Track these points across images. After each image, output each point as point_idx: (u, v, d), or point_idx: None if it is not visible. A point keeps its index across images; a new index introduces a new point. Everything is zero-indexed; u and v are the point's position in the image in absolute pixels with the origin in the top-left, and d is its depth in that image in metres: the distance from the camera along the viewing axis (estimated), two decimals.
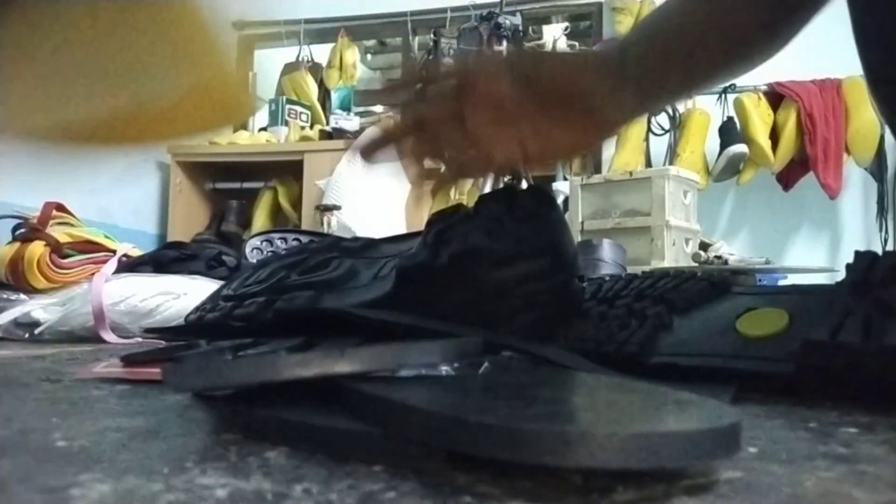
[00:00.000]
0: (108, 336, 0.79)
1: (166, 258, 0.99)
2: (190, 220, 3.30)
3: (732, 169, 2.97)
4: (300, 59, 3.58)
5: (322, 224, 2.66)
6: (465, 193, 3.12)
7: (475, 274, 0.42)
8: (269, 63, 3.76)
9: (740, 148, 2.90)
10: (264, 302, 0.49)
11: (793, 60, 0.67)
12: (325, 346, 0.36)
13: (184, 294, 0.84)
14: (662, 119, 3.00)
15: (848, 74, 2.78)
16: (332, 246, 0.56)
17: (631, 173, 2.59)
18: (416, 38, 3.53)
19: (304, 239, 1.08)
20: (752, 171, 2.95)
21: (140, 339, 0.79)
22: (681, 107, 3.00)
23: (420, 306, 0.42)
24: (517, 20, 2.89)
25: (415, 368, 0.27)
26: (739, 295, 0.44)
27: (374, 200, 2.73)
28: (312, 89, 3.49)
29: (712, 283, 0.45)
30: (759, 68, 0.63)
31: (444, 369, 0.28)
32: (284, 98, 3.40)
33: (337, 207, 2.69)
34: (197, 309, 0.59)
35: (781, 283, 2.32)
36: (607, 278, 0.54)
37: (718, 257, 2.36)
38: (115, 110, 0.36)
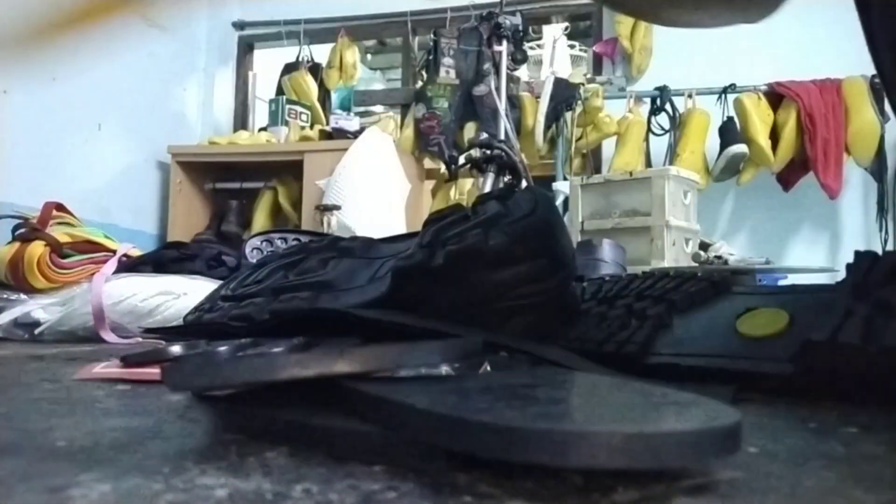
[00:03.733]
0: (108, 336, 0.79)
1: (166, 258, 0.99)
2: (190, 220, 3.30)
3: (732, 169, 2.97)
4: (300, 59, 3.59)
5: (322, 224, 2.66)
6: (464, 193, 3.12)
7: (471, 275, 0.42)
8: (269, 63, 3.77)
9: (740, 148, 2.90)
10: (261, 303, 0.49)
11: (793, 60, 0.66)
12: (325, 346, 0.36)
13: (184, 294, 0.84)
14: (662, 119, 3.01)
15: (848, 74, 2.77)
16: (331, 246, 0.56)
17: (631, 173, 2.59)
18: (416, 38, 3.53)
19: (304, 239, 1.08)
20: (752, 171, 2.95)
21: (140, 339, 0.79)
22: (681, 107, 3.01)
23: (416, 307, 0.42)
24: (517, 20, 2.89)
25: (414, 369, 0.27)
26: (739, 295, 0.44)
27: (374, 200, 2.73)
28: (312, 89, 3.50)
29: (712, 283, 0.45)
30: (759, 68, 0.61)
31: (444, 369, 0.28)
32: (284, 98, 3.41)
33: (337, 207, 2.69)
34: (195, 309, 0.59)
35: (781, 283, 2.32)
36: (607, 278, 0.53)
37: (718, 257, 2.36)
38: None
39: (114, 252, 0.97)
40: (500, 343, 0.36)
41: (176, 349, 0.41)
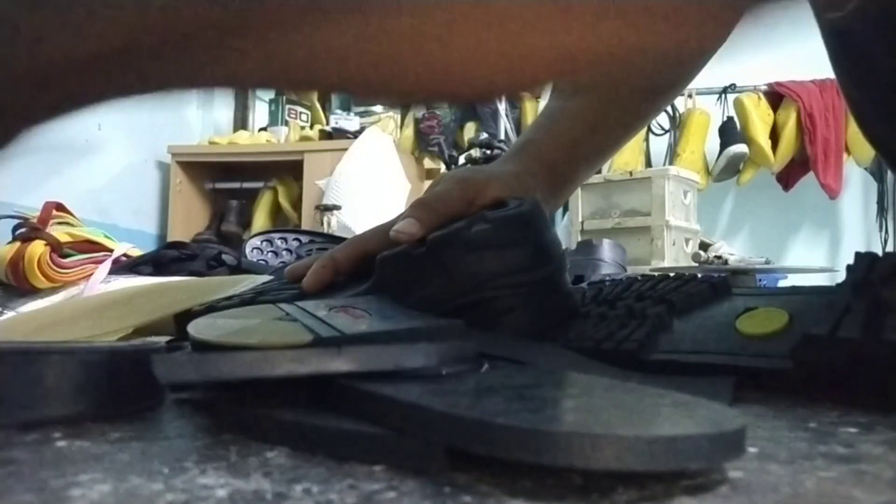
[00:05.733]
0: None
1: (166, 258, 0.99)
2: (190, 220, 3.30)
3: (732, 169, 2.97)
4: None
5: (322, 224, 2.66)
6: None
7: (453, 261, 0.42)
8: None
9: (740, 148, 2.90)
10: (249, 296, 0.50)
11: (793, 60, 0.67)
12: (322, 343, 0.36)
13: None
14: (662, 119, 3.01)
15: None
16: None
17: (631, 173, 2.59)
18: None
19: (304, 239, 1.08)
20: (752, 171, 2.96)
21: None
22: (681, 107, 3.01)
23: (400, 297, 0.42)
24: None
25: (412, 369, 0.27)
26: (739, 296, 0.44)
27: (374, 200, 2.73)
28: None
29: (712, 286, 0.45)
30: (760, 68, 0.65)
31: (444, 369, 0.28)
32: (284, 98, 3.41)
33: (337, 207, 2.69)
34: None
35: (781, 283, 2.32)
36: (608, 280, 0.54)
37: (718, 257, 2.36)
38: None
39: (113, 252, 0.97)
40: (489, 352, 0.36)
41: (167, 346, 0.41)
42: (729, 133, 2.93)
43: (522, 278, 0.43)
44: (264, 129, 3.47)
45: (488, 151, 2.27)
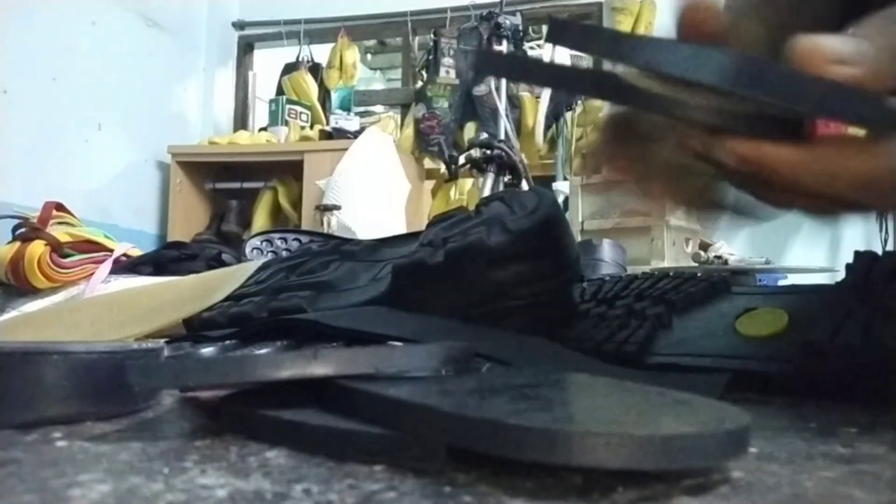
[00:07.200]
0: None
1: (166, 258, 0.99)
2: (190, 220, 3.30)
3: None
4: (300, 59, 3.59)
5: (322, 224, 2.66)
6: (464, 193, 3.12)
7: (471, 273, 0.41)
8: (269, 63, 3.77)
9: None
10: (261, 301, 0.49)
11: None
12: (303, 347, 0.36)
13: None
14: None
15: None
16: (334, 249, 0.56)
17: None
18: (416, 38, 3.53)
19: (305, 239, 1.08)
20: None
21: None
22: None
23: (415, 306, 0.42)
24: (517, 20, 2.90)
25: (393, 372, 0.26)
26: (739, 295, 0.44)
27: (374, 200, 2.73)
28: (312, 89, 3.50)
29: (712, 284, 0.45)
30: None
31: (444, 370, 0.28)
32: (284, 98, 3.41)
33: (337, 207, 2.69)
34: None
35: (781, 283, 2.32)
36: (607, 279, 0.53)
37: (718, 257, 2.36)
38: None
39: (113, 252, 0.97)
40: (487, 352, 0.35)
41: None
42: None
43: (538, 287, 0.42)
44: (264, 129, 3.47)
45: (488, 151, 2.26)
